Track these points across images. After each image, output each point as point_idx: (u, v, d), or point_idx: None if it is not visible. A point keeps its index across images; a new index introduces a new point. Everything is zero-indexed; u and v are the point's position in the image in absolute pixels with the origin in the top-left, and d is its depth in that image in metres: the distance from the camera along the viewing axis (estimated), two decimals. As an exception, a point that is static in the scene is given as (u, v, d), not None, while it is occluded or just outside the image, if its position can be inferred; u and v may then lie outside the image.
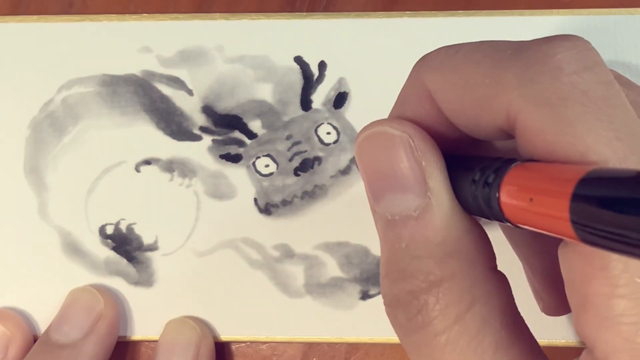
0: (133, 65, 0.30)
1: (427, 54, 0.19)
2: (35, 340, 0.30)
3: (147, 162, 0.30)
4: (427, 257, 0.17)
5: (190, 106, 0.30)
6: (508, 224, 0.17)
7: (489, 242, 0.18)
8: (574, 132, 0.15)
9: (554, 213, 0.14)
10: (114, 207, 0.30)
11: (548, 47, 0.16)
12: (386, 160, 0.18)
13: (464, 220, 0.18)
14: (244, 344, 0.30)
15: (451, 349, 0.17)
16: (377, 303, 0.30)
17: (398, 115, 0.20)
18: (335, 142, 0.30)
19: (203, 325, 0.30)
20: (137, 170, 0.30)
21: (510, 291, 0.18)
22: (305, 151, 0.30)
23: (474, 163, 0.18)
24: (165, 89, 0.30)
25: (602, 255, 0.15)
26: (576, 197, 0.13)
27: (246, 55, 0.30)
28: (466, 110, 0.18)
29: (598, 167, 0.14)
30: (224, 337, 0.30)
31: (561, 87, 0.16)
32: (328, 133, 0.30)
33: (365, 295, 0.30)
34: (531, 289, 0.25)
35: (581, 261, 0.16)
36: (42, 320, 0.30)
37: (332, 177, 0.30)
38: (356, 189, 0.30)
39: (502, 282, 0.18)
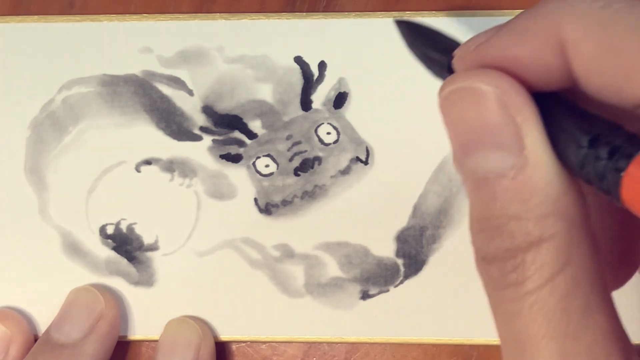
0: (133, 65, 0.30)
1: None
2: (35, 340, 0.30)
3: (148, 162, 0.30)
4: (526, 217, 0.17)
5: (190, 106, 0.30)
6: (618, 203, 0.16)
7: (585, 203, 0.18)
8: None
9: None
10: (115, 207, 0.30)
11: None
12: (477, 116, 0.17)
13: (563, 179, 0.17)
14: (244, 344, 0.30)
15: (538, 308, 0.17)
16: (377, 303, 0.30)
17: (503, 45, 0.18)
18: (335, 142, 0.30)
19: (203, 325, 0.30)
20: (138, 170, 0.30)
21: (602, 257, 0.18)
22: (305, 151, 0.30)
23: (583, 123, 0.17)
24: (166, 89, 0.30)
25: None
26: None
27: (246, 55, 0.30)
28: (607, 78, 0.17)
29: None
30: (224, 337, 0.30)
31: None
32: (328, 133, 0.30)
33: (365, 295, 0.30)
34: None
35: None
36: (43, 320, 0.30)
37: (332, 177, 0.30)
38: (356, 189, 0.30)
39: (595, 246, 0.18)
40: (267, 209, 0.30)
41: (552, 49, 0.17)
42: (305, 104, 0.30)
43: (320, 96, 0.30)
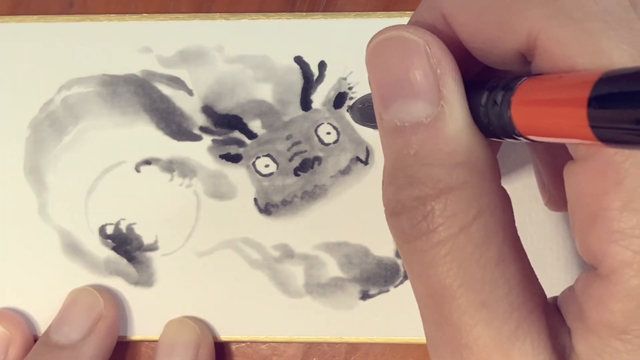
0: (133, 65, 0.30)
1: None
2: (35, 341, 0.30)
3: (147, 162, 0.30)
4: (437, 165, 0.17)
5: (190, 106, 0.30)
6: (522, 139, 0.17)
7: (496, 158, 0.18)
8: (598, 46, 0.15)
9: (570, 118, 0.14)
10: (114, 207, 0.30)
11: None
12: (400, 65, 0.18)
13: (475, 132, 0.18)
14: (244, 344, 0.30)
15: (451, 258, 0.17)
16: (377, 303, 0.30)
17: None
18: (335, 142, 0.30)
19: (203, 325, 0.30)
20: (137, 170, 0.30)
21: (512, 209, 0.18)
22: (305, 151, 0.30)
23: (483, 84, 0.18)
24: (165, 89, 0.30)
25: (616, 171, 0.15)
26: (593, 99, 0.13)
27: (246, 55, 0.30)
28: (484, 33, 0.18)
29: (613, 69, 0.14)
30: (224, 337, 0.30)
31: (584, 4, 0.16)
32: (328, 133, 0.30)
33: (365, 295, 0.30)
34: (537, 182, 0.25)
35: (593, 178, 0.16)
36: (42, 321, 0.30)
37: (332, 177, 0.30)
38: (356, 189, 0.30)
39: (506, 198, 0.18)
40: (267, 209, 0.30)
41: (441, 27, 0.19)
42: (305, 104, 0.30)
43: (320, 96, 0.30)
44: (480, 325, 0.17)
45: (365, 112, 0.24)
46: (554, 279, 0.29)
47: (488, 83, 0.18)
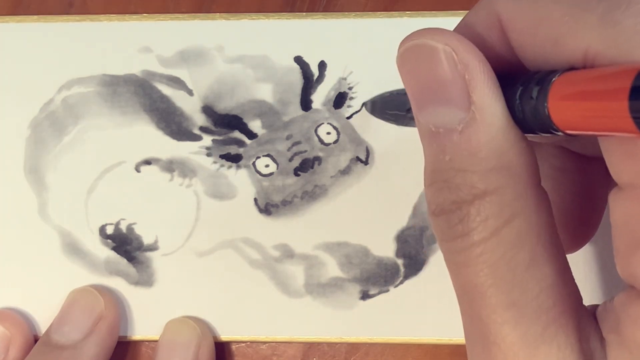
0: (133, 65, 0.30)
1: None
2: (35, 341, 0.30)
3: (147, 162, 0.30)
4: (471, 170, 0.18)
5: (190, 106, 0.30)
6: (558, 133, 0.17)
7: (534, 157, 0.18)
8: None
9: (611, 110, 0.14)
10: (114, 207, 0.30)
11: None
12: (428, 72, 0.18)
13: (510, 135, 0.18)
14: (244, 344, 0.30)
15: (484, 260, 0.18)
16: (377, 303, 0.30)
17: (460, 31, 0.19)
18: (335, 142, 0.30)
19: (203, 325, 0.30)
20: (137, 170, 0.30)
21: (551, 209, 0.18)
22: (305, 151, 0.30)
23: (517, 78, 0.18)
24: (165, 89, 0.30)
25: None
26: (635, 90, 0.13)
27: (246, 55, 0.30)
28: (539, 44, 0.18)
29: None
30: (224, 337, 0.30)
31: None
32: (328, 133, 0.30)
33: (365, 295, 0.30)
34: None
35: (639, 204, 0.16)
36: (43, 321, 0.30)
37: (332, 177, 0.30)
38: (356, 189, 0.30)
39: (543, 199, 0.18)
40: (267, 209, 0.30)
41: (495, 30, 0.19)
42: (305, 104, 0.30)
43: (320, 96, 0.30)
44: (508, 325, 0.17)
45: (389, 101, 0.24)
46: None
47: (522, 77, 0.18)
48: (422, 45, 0.18)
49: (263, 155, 0.30)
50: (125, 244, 0.30)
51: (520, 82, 0.18)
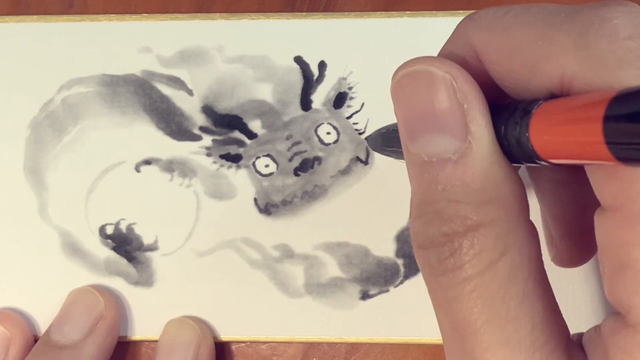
0: (133, 65, 0.30)
1: (475, 12, 0.19)
2: (35, 341, 0.30)
3: (147, 162, 0.30)
4: (465, 201, 0.17)
5: (190, 106, 0.30)
6: (542, 162, 0.17)
7: (525, 191, 0.18)
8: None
9: (587, 136, 0.14)
10: (114, 207, 0.30)
11: (604, 11, 0.16)
12: (426, 99, 0.18)
13: (503, 167, 0.18)
14: (244, 344, 0.30)
15: (478, 294, 0.17)
16: (377, 303, 0.30)
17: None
18: (335, 142, 0.30)
19: (203, 325, 0.30)
20: (137, 170, 0.30)
21: (539, 244, 0.18)
22: (305, 151, 0.30)
23: (502, 107, 0.18)
24: (165, 89, 0.30)
25: None
26: (608, 117, 0.13)
27: (246, 55, 0.30)
28: (515, 72, 0.18)
29: (628, 87, 0.14)
30: (224, 337, 0.30)
31: (618, 51, 0.16)
32: (328, 133, 0.30)
33: (365, 295, 0.30)
34: (545, 236, 0.25)
35: (622, 228, 0.16)
36: (43, 321, 0.30)
37: (332, 177, 0.30)
38: (356, 189, 0.30)
39: (533, 233, 0.18)
40: (267, 209, 0.30)
41: (472, 61, 0.19)
42: (305, 104, 0.30)
43: (320, 96, 0.30)
44: None
45: (388, 138, 0.24)
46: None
47: (505, 107, 0.18)
48: (420, 72, 0.18)
49: (263, 155, 0.30)
50: (125, 244, 0.30)
51: (504, 112, 0.17)
